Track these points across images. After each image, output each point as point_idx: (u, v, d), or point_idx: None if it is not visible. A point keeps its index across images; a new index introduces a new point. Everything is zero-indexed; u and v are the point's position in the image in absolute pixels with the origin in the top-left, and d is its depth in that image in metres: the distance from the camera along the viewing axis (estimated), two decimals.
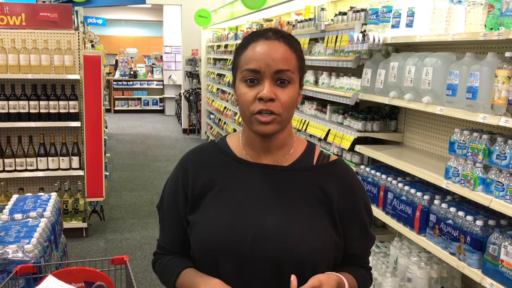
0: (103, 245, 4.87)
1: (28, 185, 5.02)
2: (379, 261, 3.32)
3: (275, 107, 1.25)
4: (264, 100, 1.24)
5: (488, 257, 2.23)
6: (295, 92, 1.30)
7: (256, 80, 1.26)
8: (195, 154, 1.44)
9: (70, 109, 4.77)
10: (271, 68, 1.24)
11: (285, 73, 1.26)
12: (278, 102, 1.25)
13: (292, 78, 1.27)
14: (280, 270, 1.27)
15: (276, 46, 1.26)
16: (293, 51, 1.29)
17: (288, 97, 1.26)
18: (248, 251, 1.27)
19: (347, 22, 3.71)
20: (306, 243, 1.27)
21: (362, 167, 3.51)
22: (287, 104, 1.26)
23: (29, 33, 4.76)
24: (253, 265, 1.27)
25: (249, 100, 1.26)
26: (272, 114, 1.25)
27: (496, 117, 2.18)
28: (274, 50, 1.25)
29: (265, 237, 1.27)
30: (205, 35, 11.02)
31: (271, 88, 1.24)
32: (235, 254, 1.28)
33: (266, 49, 1.25)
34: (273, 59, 1.24)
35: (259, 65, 1.25)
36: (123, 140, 10.78)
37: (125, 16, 18.50)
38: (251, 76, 1.26)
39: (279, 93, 1.25)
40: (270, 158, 1.36)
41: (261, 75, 1.25)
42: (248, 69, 1.26)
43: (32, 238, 2.23)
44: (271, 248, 1.26)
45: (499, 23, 2.18)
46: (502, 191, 2.20)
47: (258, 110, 1.25)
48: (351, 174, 1.42)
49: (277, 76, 1.25)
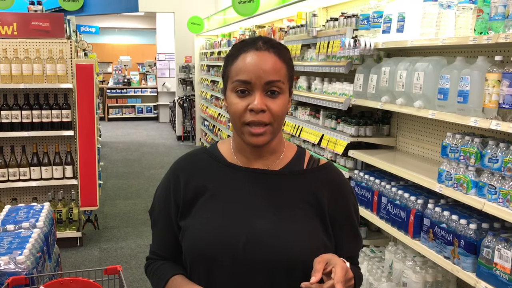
0: (97, 255, 4.84)
1: (21, 195, 4.99)
2: (374, 266, 3.32)
3: (266, 118, 1.26)
4: (255, 111, 1.25)
5: (482, 261, 2.23)
6: (286, 101, 1.31)
7: (247, 91, 1.27)
8: (186, 160, 1.45)
9: (63, 118, 4.76)
10: (262, 80, 1.25)
11: (275, 84, 1.27)
12: (269, 112, 1.26)
13: (282, 88, 1.29)
14: (272, 274, 1.27)
15: (266, 57, 1.27)
16: (282, 61, 1.30)
17: (279, 107, 1.28)
18: (240, 256, 1.27)
19: (338, 27, 3.73)
20: (298, 246, 1.28)
21: (355, 172, 3.51)
22: (278, 114, 1.28)
23: (21, 43, 4.75)
24: (245, 269, 1.27)
25: (240, 111, 1.27)
26: (264, 125, 1.26)
27: (487, 121, 2.19)
28: (264, 61, 1.26)
29: (257, 241, 1.27)
30: (198, 42, 11.04)
31: (262, 99, 1.26)
32: (227, 258, 1.28)
33: (257, 60, 1.26)
34: (264, 71, 1.26)
35: (250, 77, 1.26)
36: (117, 148, 10.75)
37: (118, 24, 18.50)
38: (242, 87, 1.27)
39: (270, 104, 1.26)
40: (261, 163, 1.37)
41: (252, 86, 1.26)
42: (238, 80, 1.27)
43: (25, 249, 2.21)
44: (263, 252, 1.27)
45: (488, 27, 2.19)
46: (494, 194, 2.20)
47: (249, 122, 1.26)
48: (340, 177, 1.44)
49: (267, 87, 1.27)
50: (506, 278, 2.08)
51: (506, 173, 2.13)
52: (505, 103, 2.09)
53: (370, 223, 3.61)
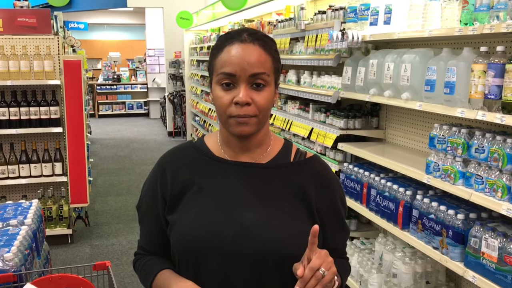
0: (88, 251, 4.82)
1: (10, 193, 4.96)
2: (364, 258, 3.34)
3: (252, 111, 1.26)
4: (240, 104, 1.25)
5: (470, 250, 2.25)
6: (271, 94, 1.31)
7: (232, 84, 1.26)
8: (173, 154, 1.44)
9: (51, 115, 4.72)
10: (247, 72, 1.25)
11: (260, 76, 1.26)
12: (254, 105, 1.26)
13: (267, 80, 1.28)
14: (260, 267, 1.27)
15: (251, 50, 1.26)
16: (268, 53, 1.29)
17: (264, 100, 1.27)
18: (228, 249, 1.27)
19: (326, 21, 3.73)
20: (285, 239, 1.28)
21: (345, 165, 3.52)
22: (263, 106, 1.27)
23: (7, 39, 4.70)
24: (234, 263, 1.27)
25: (225, 104, 1.26)
26: (249, 116, 1.26)
27: (474, 111, 2.21)
28: (249, 54, 1.26)
29: (245, 234, 1.27)
30: (187, 37, 10.99)
31: (247, 92, 1.25)
32: (215, 252, 1.28)
33: (242, 53, 1.25)
34: (249, 63, 1.25)
35: (235, 69, 1.25)
36: (107, 145, 10.70)
37: (107, 20, 18.36)
38: (227, 80, 1.26)
39: (255, 96, 1.26)
40: (248, 157, 1.37)
41: (237, 79, 1.25)
42: (223, 73, 1.26)
43: (12, 246, 2.20)
44: (251, 245, 1.27)
45: (474, 18, 2.20)
46: (481, 184, 2.22)
47: (234, 115, 1.26)
48: (327, 169, 1.44)
49: (252, 80, 1.26)
50: (493, 267, 2.10)
51: (493, 163, 2.14)
52: (491, 94, 2.10)
53: (360, 216, 3.63)
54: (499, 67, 2.07)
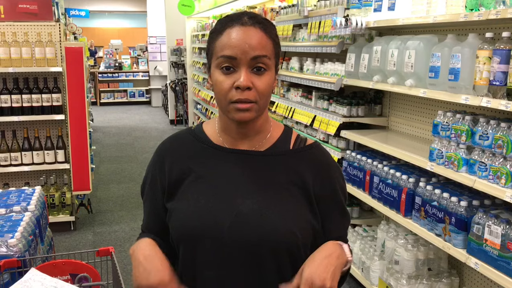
0: (91, 238, 4.84)
1: (13, 180, 4.97)
2: (366, 245, 3.34)
3: (252, 96, 1.24)
4: (242, 89, 1.22)
5: (472, 237, 2.25)
6: (272, 79, 1.28)
7: (232, 68, 1.24)
8: (171, 142, 1.44)
9: (53, 102, 4.71)
10: (248, 55, 1.22)
11: (262, 60, 1.24)
12: (255, 90, 1.24)
13: (268, 64, 1.26)
14: (258, 255, 1.26)
15: (253, 32, 1.24)
16: (269, 37, 1.27)
17: (265, 85, 1.25)
18: (226, 237, 1.26)
19: (330, 7, 3.70)
20: (283, 227, 1.27)
21: (348, 152, 3.51)
22: (264, 92, 1.25)
23: (9, 26, 4.67)
24: (231, 251, 1.27)
25: (225, 89, 1.24)
26: (250, 102, 1.24)
27: (478, 98, 2.19)
28: (250, 36, 1.23)
29: (243, 222, 1.26)
30: (189, 25, 10.92)
31: (248, 76, 1.23)
32: (213, 240, 1.27)
33: (242, 35, 1.23)
34: (250, 46, 1.22)
35: (235, 52, 1.23)
36: (109, 133, 10.70)
37: (109, 7, 18.27)
38: (227, 63, 1.24)
39: (256, 81, 1.24)
40: (247, 144, 1.36)
41: (237, 62, 1.23)
42: (223, 56, 1.24)
43: (16, 232, 2.21)
44: (249, 233, 1.26)
45: (479, 3, 2.18)
46: (485, 171, 2.21)
47: (235, 100, 1.24)
48: (326, 156, 1.42)
49: (253, 63, 1.24)
50: (496, 254, 2.10)
51: (497, 150, 2.14)
52: (496, 80, 2.09)
53: (363, 203, 3.63)
54: (505, 53, 2.05)
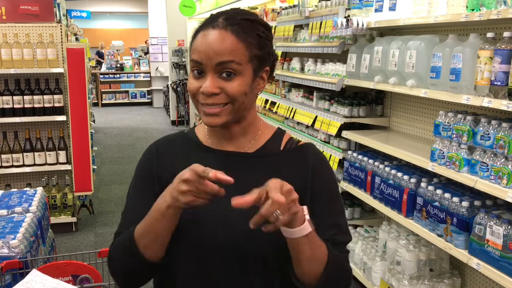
0: (93, 239, 4.85)
1: (15, 181, 4.97)
2: (368, 246, 3.34)
3: (220, 99, 1.21)
4: (206, 95, 1.21)
5: (474, 238, 2.25)
6: (246, 82, 1.23)
7: (202, 72, 1.22)
8: (162, 143, 1.43)
9: (55, 103, 4.72)
10: (212, 61, 1.19)
11: (228, 65, 1.19)
12: (224, 94, 1.21)
13: (237, 69, 1.20)
14: (243, 257, 1.25)
15: (220, 37, 1.19)
16: (241, 40, 1.21)
17: (235, 89, 1.21)
18: (210, 239, 1.25)
19: (331, 7, 3.70)
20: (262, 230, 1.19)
21: (349, 153, 3.51)
22: (235, 94, 1.21)
23: (10, 27, 4.68)
24: (215, 253, 1.25)
25: (193, 92, 1.23)
26: (219, 105, 1.21)
27: (480, 98, 2.19)
28: (216, 41, 1.19)
29: (227, 224, 1.24)
30: (191, 25, 10.93)
31: (214, 81, 1.20)
32: (196, 242, 1.26)
33: (209, 40, 1.20)
34: (214, 51, 1.19)
35: (201, 57, 1.20)
36: (111, 134, 10.71)
37: (110, 8, 18.30)
38: (196, 67, 1.22)
39: (225, 86, 1.20)
40: (234, 145, 1.34)
41: (204, 67, 1.21)
42: (192, 60, 1.23)
43: (18, 233, 2.21)
44: (235, 237, 1.24)
45: (480, 3, 2.17)
46: (486, 172, 2.21)
47: (202, 103, 1.22)
48: (318, 157, 1.37)
49: (219, 69, 1.20)
50: (498, 254, 2.10)
51: (498, 150, 2.13)
52: (497, 80, 2.08)
53: (364, 203, 3.63)
54: (506, 53, 2.05)
